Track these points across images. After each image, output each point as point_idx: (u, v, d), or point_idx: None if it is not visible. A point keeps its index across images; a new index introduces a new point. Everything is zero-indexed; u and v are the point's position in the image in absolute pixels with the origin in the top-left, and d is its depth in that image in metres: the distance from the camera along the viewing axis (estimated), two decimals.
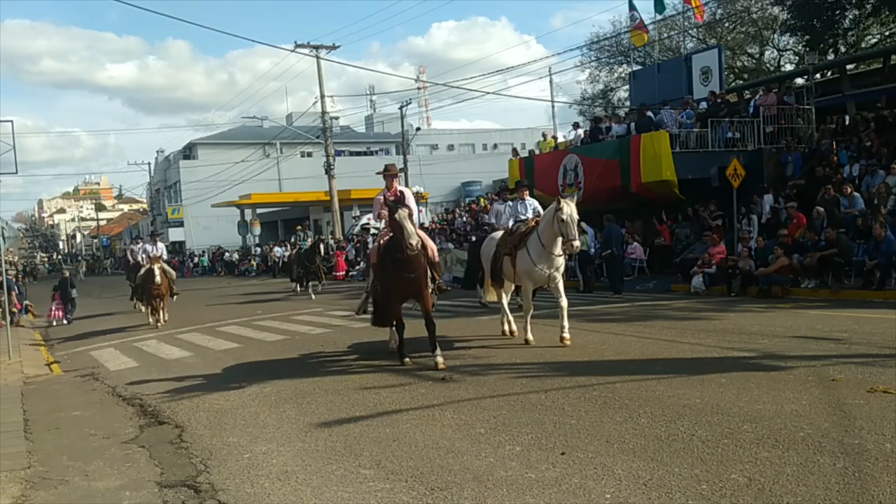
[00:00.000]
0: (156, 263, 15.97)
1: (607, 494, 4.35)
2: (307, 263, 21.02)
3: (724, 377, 7.06)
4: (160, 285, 15.66)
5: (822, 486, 4.23)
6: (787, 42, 33.02)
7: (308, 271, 21.13)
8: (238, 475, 5.18)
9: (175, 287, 17.02)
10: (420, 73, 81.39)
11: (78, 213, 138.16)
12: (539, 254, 9.55)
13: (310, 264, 20.93)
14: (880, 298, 12.55)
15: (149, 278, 15.77)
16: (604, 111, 35.91)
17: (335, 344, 11.26)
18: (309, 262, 20.99)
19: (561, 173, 21.18)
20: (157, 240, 18.36)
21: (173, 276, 17.08)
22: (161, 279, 15.61)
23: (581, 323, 11.92)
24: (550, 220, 9.33)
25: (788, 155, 18.70)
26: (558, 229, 9.14)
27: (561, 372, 7.86)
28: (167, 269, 16.57)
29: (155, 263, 15.97)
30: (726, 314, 11.87)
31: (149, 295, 16.05)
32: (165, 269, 16.33)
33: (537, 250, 9.56)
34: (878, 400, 5.93)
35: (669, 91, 20.75)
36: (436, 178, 48.46)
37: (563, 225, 9.03)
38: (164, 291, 15.98)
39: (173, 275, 17.19)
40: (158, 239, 18.64)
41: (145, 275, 16.15)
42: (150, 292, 15.87)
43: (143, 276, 16.34)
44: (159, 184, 64.54)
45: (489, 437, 5.67)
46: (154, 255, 16.59)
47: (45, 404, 8.35)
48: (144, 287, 16.29)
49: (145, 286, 16.15)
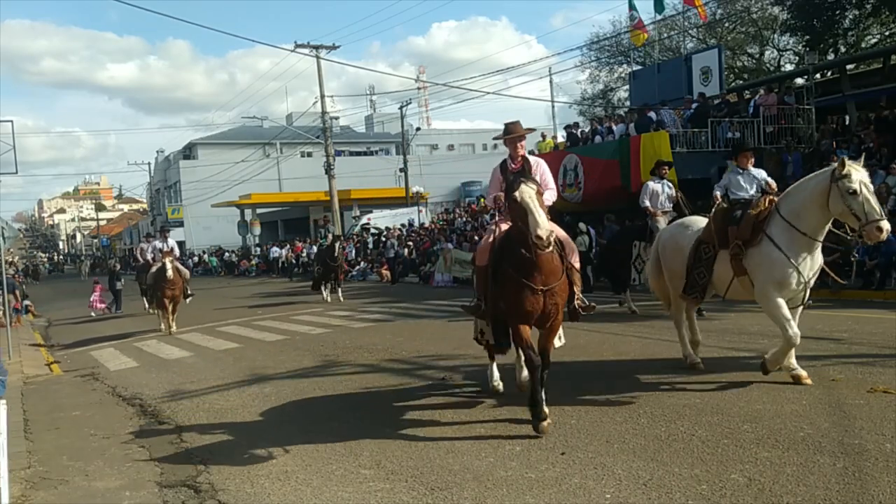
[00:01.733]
0: (168, 258, 14.47)
1: (607, 494, 4.35)
2: (328, 261, 19.57)
3: (724, 377, 7.06)
4: (174, 284, 14.16)
5: (822, 486, 4.23)
6: (787, 42, 33.03)
7: (328, 269, 19.54)
8: (238, 475, 5.18)
9: (189, 287, 15.43)
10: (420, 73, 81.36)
11: (78, 213, 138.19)
12: (798, 246, 6.35)
13: (331, 262, 19.43)
14: (880, 298, 12.54)
15: (161, 276, 14.22)
16: (604, 111, 35.92)
17: (335, 344, 11.25)
18: (330, 259, 19.46)
19: (561, 173, 21.17)
20: (168, 235, 16.92)
21: (187, 276, 15.49)
22: (174, 276, 14.14)
23: (581, 323, 11.89)
24: (825, 190, 6.16)
25: (788, 155, 18.70)
26: (846, 205, 6.00)
27: (561, 372, 7.86)
28: (180, 266, 15.08)
29: (167, 258, 14.46)
30: (726, 314, 11.85)
31: (160, 295, 14.34)
32: (178, 266, 14.86)
33: (793, 241, 6.36)
34: (878, 400, 5.93)
35: (669, 91, 20.75)
36: (436, 178, 48.46)
37: (854, 199, 5.96)
38: (178, 292, 14.45)
39: (187, 274, 15.63)
40: (169, 235, 17.13)
41: (157, 273, 14.66)
42: (163, 292, 14.20)
43: (155, 274, 14.84)
44: (159, 184, 64.55)
45: (489, 437, 5.67)
46: (166, 251, 15.17)
47: (45, 404, 8.35)
48: (156, 287, 14.64)
49: (157, 285, 14.53)
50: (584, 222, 18.12)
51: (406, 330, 12.45)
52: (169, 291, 14.10)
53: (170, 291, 14.11)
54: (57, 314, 22.42)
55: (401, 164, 40.63)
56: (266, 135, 51.69)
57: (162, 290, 14.18)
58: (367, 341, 11.26)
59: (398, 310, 15.80)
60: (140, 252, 19.78)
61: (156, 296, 14.81)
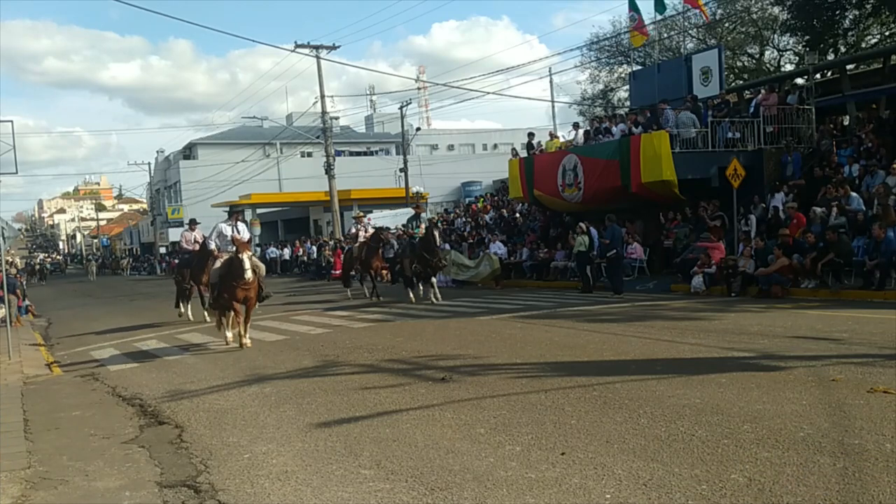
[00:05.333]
0: (245, 251, 11.29)
1: (607, 494, 4.35)
2: (426, 256, 16.64)
3: (724, 377, 7.06)
4: (250, 284, 11.23)
5: (822, 486, 4.22)
6: (787, 42, 33.03)
7: (426, 264, 16.74)
8: (238, 475, 5.18)
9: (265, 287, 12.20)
10: (420, 73, 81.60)
11: (78, 213, 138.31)
12: None
13: (430, 257, 16.64)
14: (880, 298, 12.55)
15: (234, 272, 11.13)
16: (604, 111, 35.91)
17: (335, 344, 11.25)
18: (428, 253, 16.64)
19: (560, 173, 21.18)
20: (239, 219, 12.99)
21: (263, 273, 12.35)
22: (252, 276, 11.17)
23: (581, 323, 11.93)
24: None
25: (788, 155, 18.70)
26: None
27: (561, 372, 7.86)
28: (257, 261, 12.00)
29: (244, 250, 11.26)
30: (726, 314, 11.87)
31: (230, 298, 11.37)
32: (256, 262, 11.83)
33: None
34: (878, 400, 5.93)
35: (669, 91, 20.73)
36: (436, 178, 48.44)
37: None
38: (254, 294, 11.53)
39: (263, 270, 12.42)
40: (240, 219, 13.16)
41: (226, 268, 11.46)
42: (234, 294, 11.28)
43: (223, 270, 11.57)
44: (159, 184, 64.57)
45: (489, 437, 5.67)
46: (240, 240, 11.57)
47: (45, 404, 8.34)
48: (223, 285, 11.48)
49: (225, 284, 11.38)
50: (584, 222, 18.14)
51: (406, 330, 12.45)
52: (242, 292, 11.32)
53: (243, 292, 11.33)
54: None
55: (401, 164, 40.65)
56: (266, 135, 51.74)
57: (232, 292, 11.32)
58: (367, 341, 11.26)
59: (398, 310, 15.80)
60: (184, 241, 16.88)
61: (222, 297, 11.70)
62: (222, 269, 11.61)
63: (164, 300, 20.75)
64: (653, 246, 19.30)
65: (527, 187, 23.06)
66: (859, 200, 15.29)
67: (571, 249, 18.80)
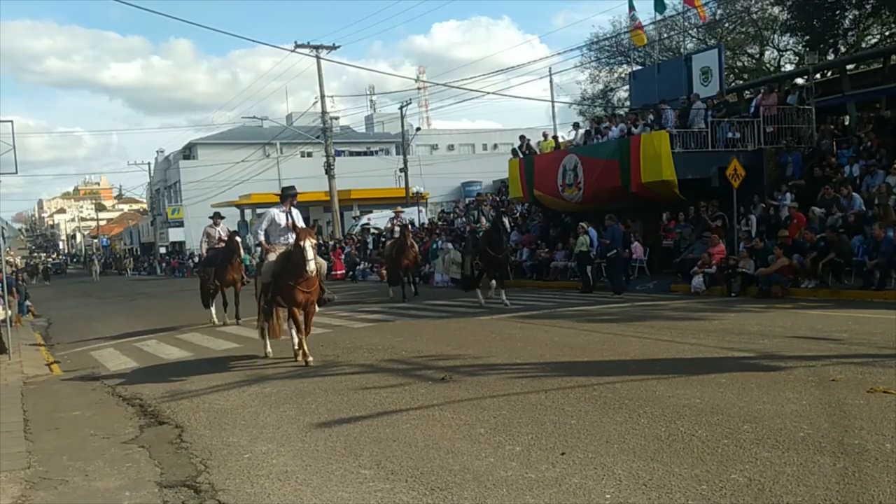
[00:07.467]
0: (307, 238, 8.91)
1: (607, 494, 4.35)
2: (489, 251, 14.69)
3: (724, 377, 7.06)
4: (312, 283, 9.16)
5: (822, 486, 4.22)
6: (787, 42, 33.04)
7: (492, 264, 14.85)
8: (238, 475, 5.18)
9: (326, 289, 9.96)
10: (420, 73, 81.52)
11: (78, 213, 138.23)
12: None
13: (496, 253, 14.75)
14: (880, 298, 12.55)
15: (291, 269, 9.02)
16: (604, 111, 35.91)
17: (335, 344, 11.25)
18: (494, 249, 14.72)
19: (560, 173, 21.17)
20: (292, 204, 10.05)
21: (325, 272, 10.58)
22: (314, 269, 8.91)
23: (581, 323, 11.93)
24: None
25: (788, 155, 18.70)
26: None
27: (561, 372, 7.86)
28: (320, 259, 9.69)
29: (306, 237, 8.90)
30: (726, 314, 11.87)
31: (288, 301, 9.24)
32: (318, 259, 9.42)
33: None
34: (878, 400, 5.93)
35: (669, 91, 20.74)
36: (436, 178, 48.47)
37: None
38: (315, 295, 9.43)
39: (325, 268, 10.60)
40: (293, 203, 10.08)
41: (281, 263, 9.32)
42: (292, 297, 9.12)
43: (277, 266, 9.41)
44: (159, 184, 64.57)
45: (489, 437, 5.67)
46: (302, 228, 9.19)
47: (45, 404, 8.34)
48: (279, 285, 9.31)
49: (281, 284, 9.23)
50: (584, 222, 18.14)
51: (406, 330, 12.45)
52: (303, 295, 9.13)
53: (303, 295, 9.15)
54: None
55: (401, 164, 40.66)
56: (266, 135, 51.73)
57: (290, 292, 9.11)
58: (367, 341, 11.26)
59: (398, 310, 15.79)
60: (208, 237, 15.44)
61: (275, 300, 9.57)
62: (276, 264, 9.44)
63: (165, 300, 20.76)
64: (653, 246, 19.30)
65: (527, 187, 23.05)
66: (860, 201, 15.30)
67: (572, 249, 18.82)
